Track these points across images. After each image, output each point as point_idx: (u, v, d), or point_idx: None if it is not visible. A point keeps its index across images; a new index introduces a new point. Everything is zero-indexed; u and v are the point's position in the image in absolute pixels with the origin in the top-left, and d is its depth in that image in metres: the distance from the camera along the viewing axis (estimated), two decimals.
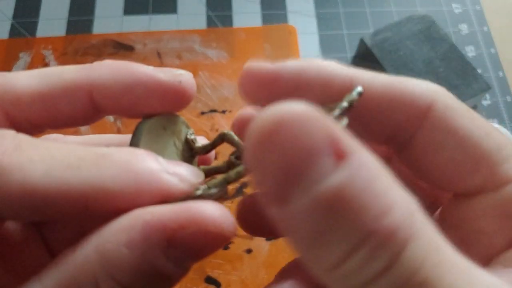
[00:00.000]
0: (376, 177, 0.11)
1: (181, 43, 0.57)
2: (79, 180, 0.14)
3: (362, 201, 0.11)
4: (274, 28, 0.58)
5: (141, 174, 0.15)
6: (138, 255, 0.14)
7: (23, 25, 0.57)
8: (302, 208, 0.11)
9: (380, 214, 0.11)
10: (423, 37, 0.53)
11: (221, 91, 0.54)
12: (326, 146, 0.11)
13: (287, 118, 0.11)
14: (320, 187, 0.11)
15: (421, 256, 0.11)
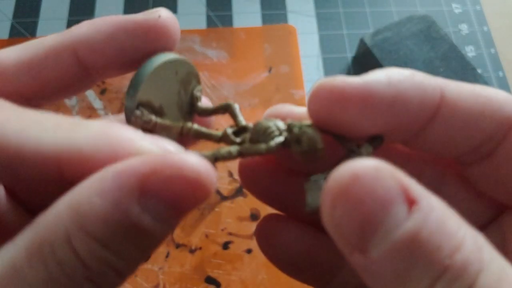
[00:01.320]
0: (445, 218, 0.13)
1: (181, 43, 0.56)
2: (53, 141, 0.14)
3: (435, 241, 0.12)
4: (274, 28, 0.58)
5: (117, 138, 0.14)
6: (109, 203, 0.13)
7: (23, 25, 0.57)
8: (382, 254, 0.13)
9: (453, 251, 0.12)
10: (423, 37, 0.53)
11: (221, 91, 0.54)
12: (399, 195, 0.12)
13: (362, 173, 0.12)
14: (398, 233, 0.12)
15: (494, 283, 0.12)
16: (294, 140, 0.17)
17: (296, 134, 0.16)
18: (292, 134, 0.17)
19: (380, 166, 0.13)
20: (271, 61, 0.56)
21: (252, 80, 0.54)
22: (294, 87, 0.54)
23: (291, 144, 0.17)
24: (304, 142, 0.16)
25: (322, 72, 0.55)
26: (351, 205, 0.13)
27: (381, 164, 0.13)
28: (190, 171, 0.14)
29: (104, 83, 0.54)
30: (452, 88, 0.17)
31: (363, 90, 0.15)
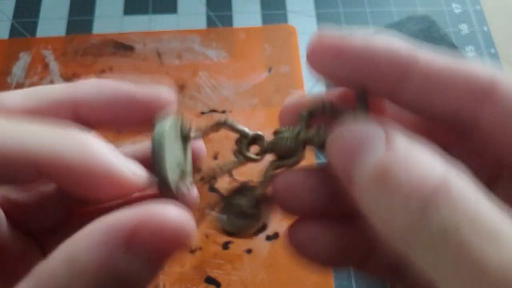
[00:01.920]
0: (415, 155, 0.15)
1: (181, 43, 0.57)
2: (35, 141, 0.15)
3: (403, 172, 0.14)
4: (274, 28, 0.58)
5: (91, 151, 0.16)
6: (102, 256, 0.14)
7: (23, 25, 0.57)
8: (362, 181, 0.15)
9: (417, 180, 0.14)
10: (423, 37, 0.53)
11: (221, 91, 0.54)
12: (379, 137, 0.16)
13: (350, 124, 0.17)
14: (373, 164, 0.15)
15: (451, 206, 0.14)
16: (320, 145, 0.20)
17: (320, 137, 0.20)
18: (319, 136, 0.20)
19: (371, 123, 0.16)
20: (271, 61, 0.56)
21: (252, 80, 0.54)
22: (294, 87, 0.54)
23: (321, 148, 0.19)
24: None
25: None
26: (341, 143, 0.17)
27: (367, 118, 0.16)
28: (172, 225, 0.15)
29: None
30: (426, 54, 0.18)
31: (338, 41, 0.19)
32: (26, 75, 0.54)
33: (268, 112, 0.52)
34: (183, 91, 0.53)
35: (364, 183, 0.15)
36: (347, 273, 0.45)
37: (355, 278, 0.45)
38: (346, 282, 0.44)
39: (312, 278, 0.44)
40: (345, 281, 0.44)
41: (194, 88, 0.54)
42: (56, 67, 0.54)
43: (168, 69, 0.55)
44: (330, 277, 0.44)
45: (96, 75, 0.54)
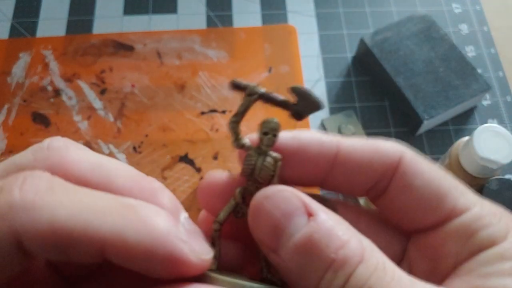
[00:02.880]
0: (334, 225, 0.17)
1: (181, 43, 0.57)
2: (100, 224, 0.16)
3: (325, 241, 0.16)
4: (274, 28, 0.58)
5: (156, 233, 0.16)
6: None
7: (23, 25, 0.57)
8: (288, 253, 0.17)
9: (337, 248, 0.16)
10: (423, 37, 0.53)
11: (221, 91, 0.54)
12: (300, 209, 0.17)
13: (271, 193, 0.18)
14: (297, 236, 0.17)
15: (368, 273, 0.16)
16: None
17: None
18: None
19: (283, 188, 0.18)
20: (271, 61, 0.56)
21: (252, 80, 0.54)
22: None
23: None
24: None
25: (322, 72, 0.55)
26: (264, 216, 0.17)
27: (284, 187, 0.18)
28: None
29: (104, 83, 0.54)
30: (346, 141, 0.20)
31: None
32: (26, 75, 0.54)
33: (268, 112, 0.52)
34: (183, 91, 0.53)
35: (291, 253, 0.17)
36: None
37: None
38: None
39: None
40: None
41: (194, 88, 0.54)
42: (56, 67, 0.54)
43: (168, 69, 0.55)
44: None
45: (96, 75, 0.54)
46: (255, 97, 0.20)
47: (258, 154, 0.19)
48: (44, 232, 0.15)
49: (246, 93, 0.20)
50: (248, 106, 0.20)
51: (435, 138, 0.52)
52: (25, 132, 0.51)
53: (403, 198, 0.20)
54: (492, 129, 0.37)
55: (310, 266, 0.16)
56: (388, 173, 0.20)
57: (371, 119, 0.52)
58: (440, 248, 0.19)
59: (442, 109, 0.49)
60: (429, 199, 0.19)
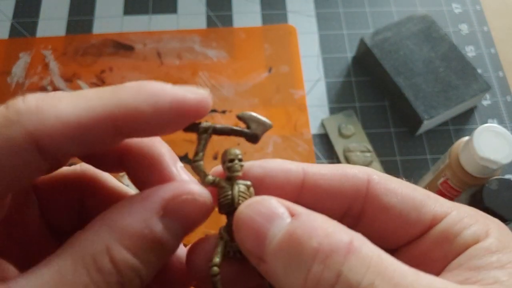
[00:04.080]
0: (318, 219, 0.17)
1: (181, 43, 0.57)
2: (103, 104, 0.17)
3: (308, 235, 0.16)
4: (274, 28, 0.58)
5: (154, 89, 0.18)
6: (140, 222, 0.17)
7: (23, 25, 0.57)
8: (274, 255, 0.16)
9: (322, 239, 0.16)
10: (423, 37, 0.53)
11: (221, 91, 0.54)
12: (283, 212, 0.17)
13: (251, 202, 0.18)
14: (280, 235, 0.16)
15: (364, 266, 0.15)
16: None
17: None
18: None
19: (265, 196, 0.18)
20: (271, 61, 0.56)
21: (252, 80, 0.54)
22: (294, 87, 0.54)
23: None
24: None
25: (322, 72, 0.55)
26: (247, 223, 0.17)
27: (266, 196, 0.18)
28: (199, 196, 0.18)
29: (104, 83, 0.54)
30: (313, 167, 0.20)
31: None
32: (26, 75, 0.54)
33: (268, 112, 0.52)
34: None
35: (275, 255, 0.16)
36: None
37: None
38: None
39: None
40: None
41: None
42: (56, 67, 0.54)
43: (168, 69, 0.55)
44: None
45: (96, 75, 0.54)
46: (209, 133, 0.20)
47: (230, 185, 0.20)
48: (55, 127, 0.16)
49: (199, 133, 0.20)
50: (205, 144, 0.21)
51: (435, 138, 0.52)
52: None
53: (381, 218, 0.20)
54: (492, 129, 0.38)
55: (295, 262, 0.16)
56: (359, 197, 0.20)
57: (371, 119, 0.52)
58: (427, 255, 0.19)
59: (442, 109, 0.49)
60: (408, 214, 0.19)
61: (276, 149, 0.50)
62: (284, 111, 0.52)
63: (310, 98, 0.54)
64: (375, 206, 0.20)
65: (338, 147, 0.50)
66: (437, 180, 0.43)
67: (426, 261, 0.19)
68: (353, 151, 0.50)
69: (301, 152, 0.50)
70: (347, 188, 0.20)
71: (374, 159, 0.50)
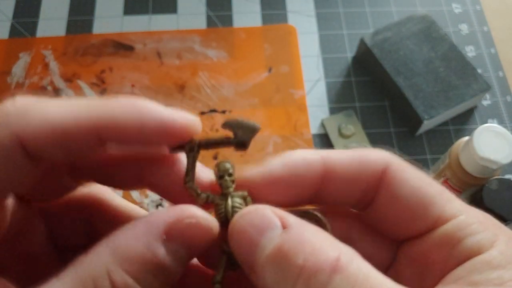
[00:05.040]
0: (307, 235, 0.16)
1: (181, 43, 0.57)
2: (89, 112, 0.17)
3: (295, 250, 0.16)
4: (274, 28, 0.58)
5: (143, 108, 0.18)
6: (142, 246, 0.17)
7: (23, 25, 0.57)
8: (263, 267, 0.16)
9: (307, 256, 0.16)
10: (423, 37, 0.53)
11: (221, 91, 0.54)
12: (275, 223, 0.17)
13: (245, 212, 0.18)
14: (269, 248, 0.16)
15: (347, 286, 0.15)
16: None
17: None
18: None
19: (258, 206, 0.18)
20: (271, 61, 0.56)
21: (252, 80, 0.54)
22: (294, 87, 0.54)
23: None
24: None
25: (322, 72, 0.55)
26: (240, 234, 0.17)
27: (260, 205, 0.18)
28: (203, 220, 0.18)
29: (104, 83, 0.54)
30: (332, 155, 0.20)
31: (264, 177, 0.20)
32: (26, 75, 0.54)
33: (268, 111, 0.52)
34: (183, 91, 0.53)
35: (264, 267, 0.16)
36: None
37: None
38: None
39: None
40: None
41: (194, 88, 0.54)
42: (56, 67, 0.54)
43: (168, 69, 0.55)
44: None
45: (96, 75, 0.54)
46: (196, 150, 0.20)
47: (224, 200, 0.19)
48: (41, 129, 0.17)
49: (186, 151, 0.20)
50: (193, 162, 0.20)
51: (435, 138, 0.52)
52: None
53: (389, 207, 0.20)
54: (492, 129, 0.38)
55: (282, 278, 0.16)
56: (375, 183, 0.20)
57: (371, 119, 0.52)
58: (427, 256, 0.19)
59: (442, 109, 0.49)
60: (415, 208, 0.19)
61: (276, 149, 0.50)
62: (284, 111, 0.52)
63: (310, 98, 0.54)
64: (387, 193, 0.20)
65: (338, 147, 0.50)
66: (437, 180, 0.43)
67: (425, 262, 0.19)
68: None
69: None
70: (365, 175, 0.20)
71: None
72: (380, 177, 0.20)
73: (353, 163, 0.20)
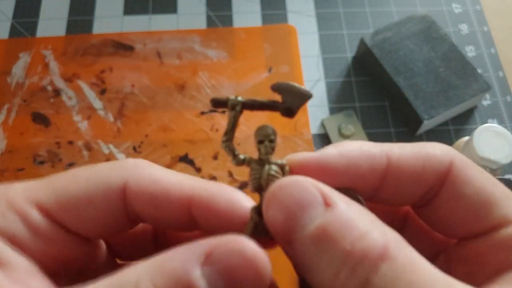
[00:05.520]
0: (354, 216, 0.16)
1: (181, 43, 0.57)
2: (189, 183, 0.19)
3: (341, 233, 0.15)
4: (274, 28, 0.58)
5: (234, 197, 0.19)
6: (178, 262, 0.16)
7: (23, 25, 0.57)
8: (302, 244, 0.16)
9: (355, 241, 0.15)
10: (423, 37, 0.53)
11: (221, 91, 0.53)
12: (317, 199, 0.16)
13: (285, 183, 0.17)
14: (311, 227, 0.15)
15: (394, 275, 0.14)
16: None
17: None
18: None
19: (299, 178, 0.17)
20: (271, 61, 0.56)
21: (252, 80, 0.54)
22: None
23: None
24: None
25: (322, 72, 0.55)
26: (277, 206, 0.16)
27: (301, 178, 0.17)
28: (248, 251, 0.16)
29: (104, 83, 0.54)
30: (396, 151, 0.19)
31: (319, 163, 0.19)
32: (26, 75, 0.54)
33: (268, 111, 0.52)
34: (183, 91, 0.53)
35: (305, 245, 0.16)
36: None
37: None
38: None
39: None
40: None
41: (194, 88, 0.54)
42: (56, 67, 0.54)
43: (168, 69, 0.55)
44: None
45: (96, 75, 0.54)
46: (239, 108, 0.19)
47: (261, 166, 0.18)
48: (145, 184, 0.18)
49: (228, 107, 0.19)
50: (235, 120, 0.19)
51: (435, 138, 0.52)
52: (25, 132, 0.51)
53: (451, 206, 0.19)
54: (492, 129, 0.37)
55: (324, 260, 0.15)
56: (440, 181, 0.19)
57: (371, 119, 0.52)
58: (483, 256, 0.18)
59: (442, 109, 0.49)
60: (478, 208, 0.18)
61: (276, 149, 0.50)
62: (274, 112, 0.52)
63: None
64: (449, 191, 0.19)
65: None
66: None
67: (480, 261, 0.18)
68: None
69: None
70: (430, 172, 0.19)
71: None
72: (445, 175, 0.19)
73: (418, 160, 0.19)
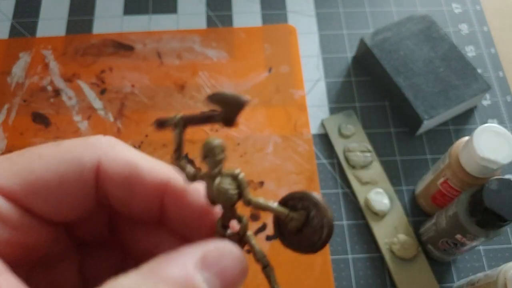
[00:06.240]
0: None
1: (181, 43, 0.57)
2: (159, 169, 0.19)
3: None
4: (274, 28, 0.58)
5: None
6: (180, 271, 0.16)
7: (23, 25, 0.57)
8: None
9: None
10: (423, 37, 0.53)
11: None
12: None
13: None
14: None
15: None
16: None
17: None
18: None
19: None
20: (271, 61, 0.56)
21: (252, 80, 0.54)
22: (294, 87, 0.54)
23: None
24: None
25: (322, 72, 0.55)
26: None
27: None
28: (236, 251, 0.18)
29: (104, 83, 0.54)
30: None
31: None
32: (26, 75, 0.54)
33: (268, 112, 0.52)
34: (183, 91, 0.53)
35: None
36: (347, 274, 0.45)
37: (355, 278, 0.45)
38: (346, 282, 0.44)
39: (312, 278, 0.44)
40: (345, 282, 0.44)
41: (194, 88, 0.54)
42: (56, 67, 0.54)
43: (168, 69, 0.55)
44: (330, 277, 0.44)
45: (96, 75, 0.54)
46: (181, 125, 0.19)
47: (212, 179, 0.18)
48: (121, 165, 0.18)
49: (172, 127, 0.19)
50: (180, 138, 0.19)
51: (435, 138, 0.52)
52: (25, 132, 0.51)
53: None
54: (492, 129, 0.37)
55: None
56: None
57: (371, 119, 0.52)
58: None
59: (442, 109, 0.49)
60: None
61: (276, 149, 0.50)
62: (284, 111, 0.52)
63: (310, 98, 0.54)
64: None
65: (338, 147, 0.50)
66: (437, 180, 0.43)
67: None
68: (353, 151, 0.50)
69: (301, 152, 0.50)
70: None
71: (374, 159, 0.50)
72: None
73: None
